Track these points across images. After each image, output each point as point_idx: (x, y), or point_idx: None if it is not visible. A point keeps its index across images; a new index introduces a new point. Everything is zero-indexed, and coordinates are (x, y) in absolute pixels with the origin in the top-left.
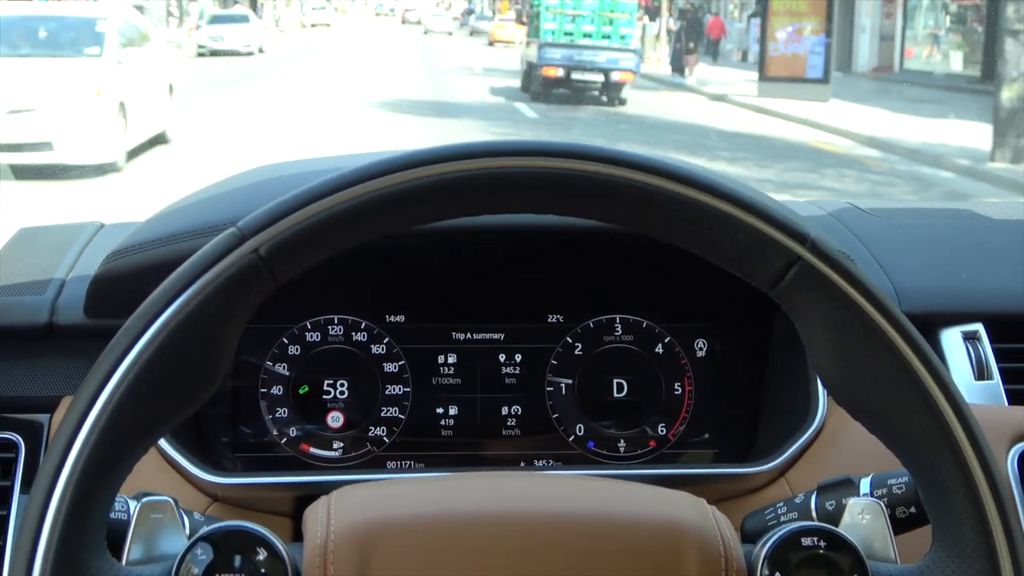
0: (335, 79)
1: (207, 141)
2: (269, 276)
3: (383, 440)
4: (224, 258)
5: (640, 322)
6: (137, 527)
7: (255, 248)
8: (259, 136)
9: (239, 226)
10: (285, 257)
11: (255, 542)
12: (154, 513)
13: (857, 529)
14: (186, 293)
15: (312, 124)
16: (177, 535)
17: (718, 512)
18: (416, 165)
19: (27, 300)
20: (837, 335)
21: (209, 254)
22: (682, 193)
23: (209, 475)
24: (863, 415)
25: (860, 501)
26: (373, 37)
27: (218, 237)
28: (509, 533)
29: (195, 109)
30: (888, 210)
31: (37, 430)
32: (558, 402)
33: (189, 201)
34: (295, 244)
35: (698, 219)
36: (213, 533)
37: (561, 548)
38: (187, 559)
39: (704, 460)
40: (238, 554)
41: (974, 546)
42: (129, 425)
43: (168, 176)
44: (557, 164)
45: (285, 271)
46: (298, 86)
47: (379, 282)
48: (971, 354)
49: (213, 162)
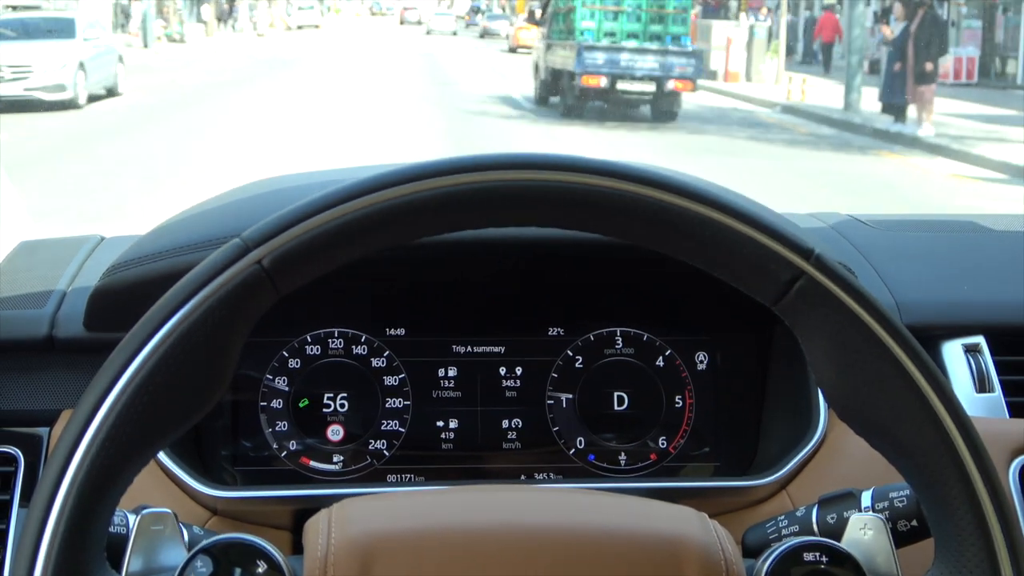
0: (276, 134)
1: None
2: (271, 288)
3: (383, 453)
4: (227, 269)
5: (641, 335)
6: (137, 539)
7: (258, 259)
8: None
9: (243, 237)
10: (288, 269)
11: (255, 555)
12: (154, 525)
13: (859, 544)
14: (190, 303)
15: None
16: (177, 547)
17: (720, 527)
18: (422, 177)
19: (27, 313)
20: (840, 350)
21: (213, 265)
22: (684, 207)
23: (209, 489)
24: (866, 430)
25: (862, 516)
26: (366, 41)
27: (222, 248)
28: (510, 547)
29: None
30: (889, 222)
31: (36, 444)
32: (559, 415)
33: (189, 214)
34: (298, 256)
35: (701, 233)
36: (213, 545)
37: (562, 562)
38: (186, 572)
39: (705, 473)
40: (238, 567)
41: (977, 562)
42: (129, 438)
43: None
44: (564, 178)
45: (287, 283)
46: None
47: (379, 295)
48: (972, 367)
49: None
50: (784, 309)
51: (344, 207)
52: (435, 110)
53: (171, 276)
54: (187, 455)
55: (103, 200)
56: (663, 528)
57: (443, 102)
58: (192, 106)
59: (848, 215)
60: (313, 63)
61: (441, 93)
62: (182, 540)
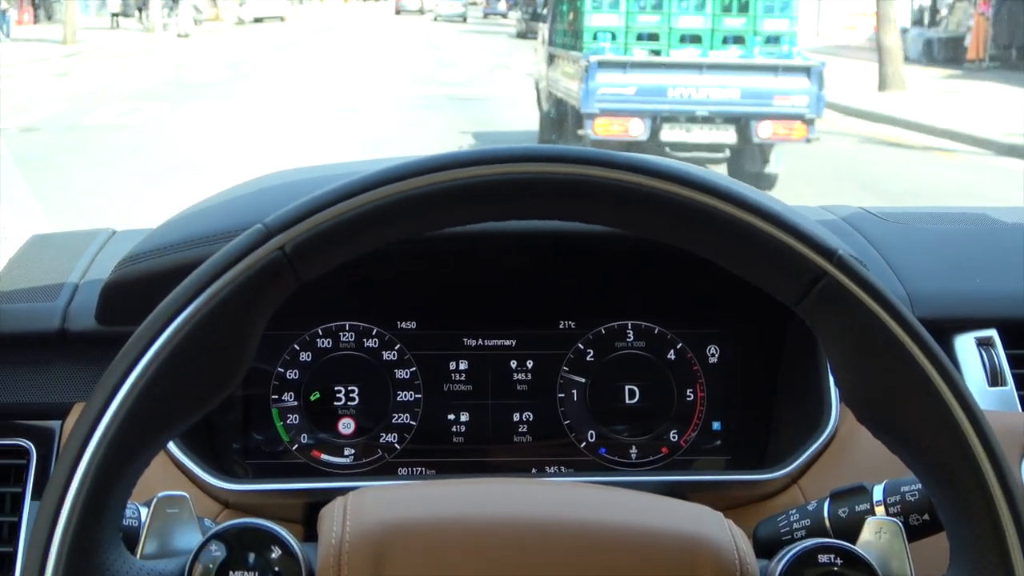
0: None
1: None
2: (292, 274)
3: (394, 447)
4: (250, 254)
5: (652, 328)
6: (152, 522)
7: (280, 245)
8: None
9: (266, 223)
10: (309, 256)
11: (269, 540)
12: (170, 508)
13: (874, 547)
14: (211, 288)
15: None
16: (192, 531)
17: (735, 526)
18: (444, 168)
19: (39, 307)
20: (860, 352)
21: (235, 249)
22: (709, 204)
23: (220, 481)
24: (883, 431)
25: (879, 520)
26: (348, 41)
27: (244, 233)
28: (523, 540)
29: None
30: (900, 214)
31: (49, 436)
32: (570, 408)
33: (200, 207)
34: (320, 243)
35: (725, 231)
36: (227, 530)
37: (575, 557)
38: (201, 555)
39: (716, 467)
40: (252, 552)
41: (994, 567)
42: (142, 428)
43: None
44: (590, 172)
45: (308, 270)
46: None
47: (390, 289)
48: (985, 360)
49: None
50: (805, 309)
51: (368, 196)
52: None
53: (183, 269)
54: (199, 448)
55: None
56: (678, 526)
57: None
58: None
59: (859, 207)
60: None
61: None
62: (197, 524)
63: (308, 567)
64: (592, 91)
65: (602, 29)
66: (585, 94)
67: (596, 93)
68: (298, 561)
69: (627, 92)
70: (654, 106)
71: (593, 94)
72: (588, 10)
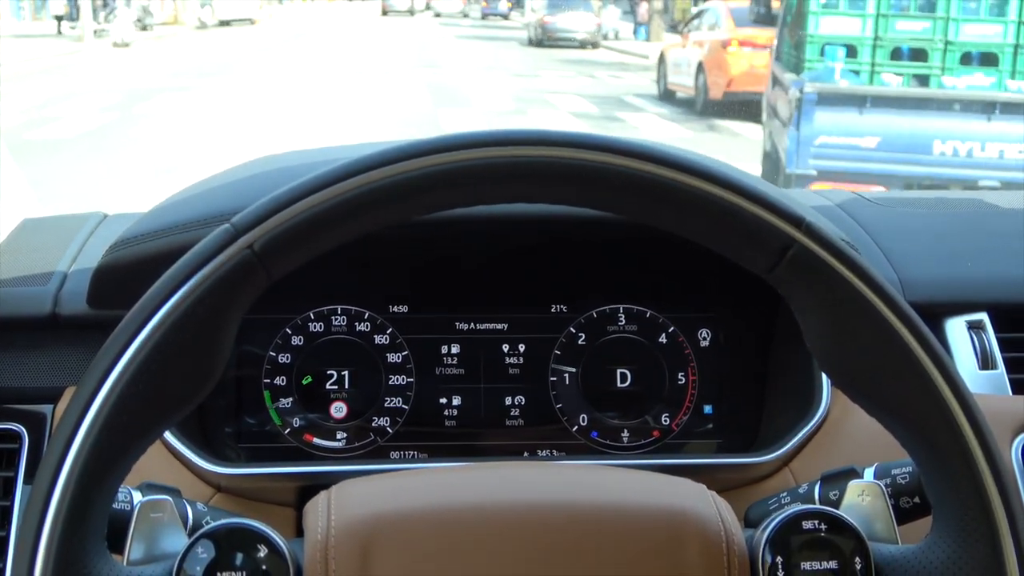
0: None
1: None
2: (263, 272)
3: (386, 430)
4: (218, 255)
5: (644, 312)
6: (137, 526)
7: (249, 244)
8: None
9: (232, 222)
10: (279, 253)
11: (256, 539)
12: (154, 512)
13: (858, 510)
14: (182, 290)
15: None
16: (177, 533)
17: (719, 498)
18: (406, 158)
19: (31, 291)
20: (832, 317)
21: (203, 251)
22: (676, 179)
23: (212, 465)
24: (860, 396)
25: (860, 482)
26: (316, 56)
27: (212, 234)
28: (510, 524)
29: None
30: (893, 199)
31: (41, 420)
32: (561, 392)
33: (192, 192)
34: (289, 240)
35: (692, 205)
36: (214, 531)
37: (562, 537)
38: (188, 558)
39: (707, 450)
40: (239, 551)
41: (975, 527)
42: (130, 419)
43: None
44: (553, 153)
45: (279, 267)
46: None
47: (382, 272)
48: (976, 344)
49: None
50: (777, 278)
51: (331, 190)
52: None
53: (174, 253)
54: (191, 432)
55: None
56: (663, 501)
57: None
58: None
59: (853, 193)
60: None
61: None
62: (182, 525)
63: (296, 564)
64: (806, 141)
65: (834, 40)
66: (794, 144)
67: (812, 144)
68: (285, 559)
69: (864, 144)
70: (908, 169)
71: (806, 146)
72: (815, 9)
